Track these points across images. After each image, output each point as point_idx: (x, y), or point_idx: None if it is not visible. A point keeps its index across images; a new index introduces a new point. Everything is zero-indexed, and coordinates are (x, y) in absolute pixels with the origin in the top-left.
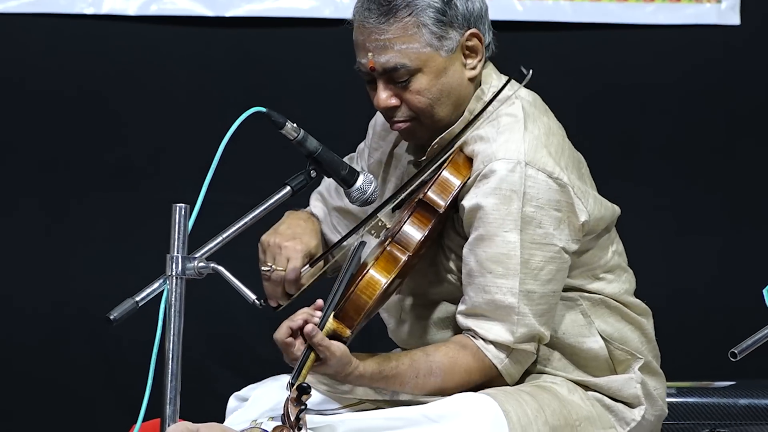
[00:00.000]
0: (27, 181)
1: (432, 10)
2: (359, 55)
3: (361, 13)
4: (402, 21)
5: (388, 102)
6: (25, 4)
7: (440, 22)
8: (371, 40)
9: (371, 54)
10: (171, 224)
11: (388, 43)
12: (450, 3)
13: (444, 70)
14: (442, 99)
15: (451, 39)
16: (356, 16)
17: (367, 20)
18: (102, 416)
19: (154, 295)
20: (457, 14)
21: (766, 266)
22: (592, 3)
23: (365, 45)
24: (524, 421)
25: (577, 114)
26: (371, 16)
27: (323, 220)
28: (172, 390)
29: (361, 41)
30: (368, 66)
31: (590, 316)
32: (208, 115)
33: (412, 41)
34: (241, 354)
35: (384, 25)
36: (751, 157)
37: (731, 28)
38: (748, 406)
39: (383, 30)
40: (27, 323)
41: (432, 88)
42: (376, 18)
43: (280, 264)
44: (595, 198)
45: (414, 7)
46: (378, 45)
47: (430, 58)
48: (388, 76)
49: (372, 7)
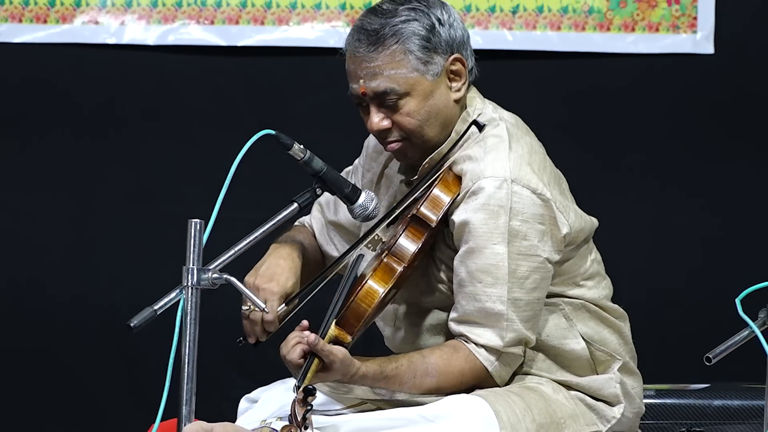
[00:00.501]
0: (57, 196)
1: (417, 37)
2: (352, 82)
3: (352, 43)
4: (390, 49)
5: (381, 124)
6: (53, 34)
7: (425, 49)
8: (362, 67)
9: (362, 80)
10: (187, 238)
11: (378, 70)
12: (433, 30)
13: (431, 93)
14: (431, 120)
15: (436, 64)
16: (348, 47)
17: (358, 50)
18: (124, 416)
19: (171, 304)
20: (440, 41)
21: (740, 277)
22: (577, 33)
23: (357, 72)
24: (513, 420)
25: (562, 134)
26: (361, 45)
27: (319, 232)
28: (188, 392)
29: (353, 69)
30: (360, 91)
31: (572, 320)
32: (221, 137)
33: (400, 67)
34: (252, 359)
35: (373, 54)
36: (726, 173)
37: (706, 57)
38: (722, 407)
39: (373, 58)
40: (57, 330)
41: (421, 110)
42: (365, 47)
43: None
44: (576, 212)
45: (400, 36)
46: (368, 72)
47: (417, 82)
48: (379, 100)
49: (362, 37)
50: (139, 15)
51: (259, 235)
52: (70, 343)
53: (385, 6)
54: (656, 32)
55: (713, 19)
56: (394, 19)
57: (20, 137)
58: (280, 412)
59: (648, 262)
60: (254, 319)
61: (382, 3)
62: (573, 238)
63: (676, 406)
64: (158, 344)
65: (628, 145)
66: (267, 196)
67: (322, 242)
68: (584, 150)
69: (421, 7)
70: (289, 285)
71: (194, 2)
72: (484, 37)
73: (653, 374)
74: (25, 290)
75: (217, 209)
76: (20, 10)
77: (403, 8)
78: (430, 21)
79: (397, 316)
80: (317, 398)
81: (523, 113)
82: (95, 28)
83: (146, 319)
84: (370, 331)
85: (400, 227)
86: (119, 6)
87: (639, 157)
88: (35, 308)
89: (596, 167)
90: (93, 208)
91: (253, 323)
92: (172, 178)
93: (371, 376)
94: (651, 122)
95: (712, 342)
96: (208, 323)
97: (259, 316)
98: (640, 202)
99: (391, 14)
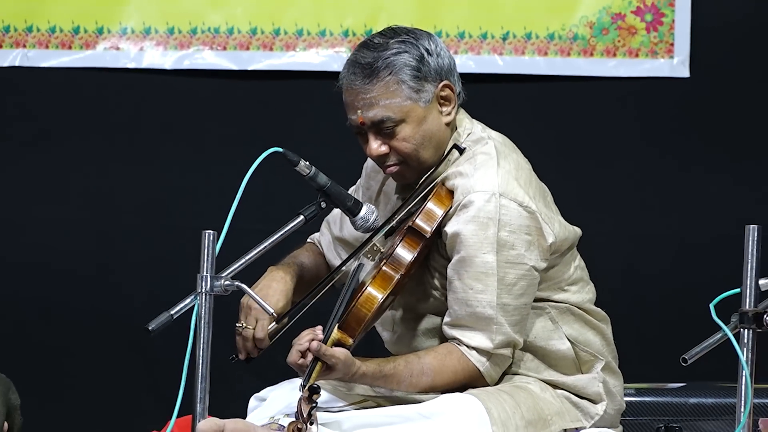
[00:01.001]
0: (81, 208)
1: (408, 68)
2: (350, 113)
3: (348, 77)
4: (383, 80)
5: (379, 150)
6: (77, 59)
7: (416, 78)
8: (359, 99)
9: (360, 111)
10: (201, 248)
11: (374, 100)
12: (423, 61)
13: (424, 119)
14: (425, 143)
15: (427, 91)
16: (344, 81)
17: (354, 83)
18: (144, 412)
19: (186, 309)
20: (430, 70)
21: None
22: (562, 58)
23: (354, 104)
24: (504, 417)
25: (549, 151)
26: (356, 79)
27: (327, 247)
28: (202, 390)
29: (350, 101)
30: (359, 122)
31: (557, 322)
32: (232, 154)
33: (394, 96)
34: (261, 360)
35: (368, 86)
36: (701, 186)
37: (682, 80)
38: (697, 404)
39: (368, 90)
40: (83, 334)
41: (415, 135)
42: (361, 80)
43: (250, 323)
44: (560, 222)
45: (393, 68)
46: (365, 103)
47: (411, 110)
48: (376, 128)
49: (356, 71)
50: (156, 41)
51: (268, 245)
52: (95, 345)
53: (377, 40)
54: (636, 57)
55: (689, 45)
56: (386, 52)
57: (47, 152)
58: (287, 410)
59: (629, 269)
60: (246, 336)
61: (373, 37)
62: (558, 246)
63: (655, 404)
64: (174, 346)
65: (610, 161)
66: (275, 209)
67: (330, 257)
68: (569, 165)
69: (410, 39)
70: (280, 306)
71: (208, 29)
72: (476, 62)
73: (633, 374)
74: (53, 297)
75: (229, 221)
76: (47, 37)
77: (393, 41)
78: (419, 52)
79: (395, 320)
80: (321, 396)
81: (512, 132)
82: (116, 53)
83: (163, 323)
84: (371, 334)
85: (397, 238)
86: (138, 33)
87: (620, 172)
88: (63, 314)
89: (580, 181)
90: (114, 220)
91: (245, 340)
92: (187, 191)
93: (371, 375)
94: (631, 140)
95: (687, 344)
96: (221, 327)
97: (250, 334)
98: (622, 214)
99: (382, 47)
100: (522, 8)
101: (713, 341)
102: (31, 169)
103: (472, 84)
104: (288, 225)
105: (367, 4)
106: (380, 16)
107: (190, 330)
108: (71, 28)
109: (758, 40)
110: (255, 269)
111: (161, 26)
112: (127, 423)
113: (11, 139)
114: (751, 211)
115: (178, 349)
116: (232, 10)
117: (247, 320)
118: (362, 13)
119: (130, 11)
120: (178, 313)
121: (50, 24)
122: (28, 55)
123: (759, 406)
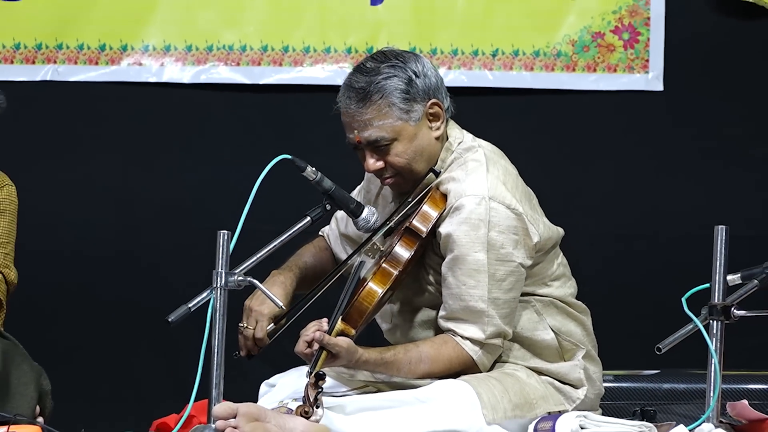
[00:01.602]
0: (106, 212)
1: (398, 91)
2: (348, 132)
3: (344, 101)
4: (376, 104)
5: (375, 166)
6: (103, 74)
7: (406, 99)
8: (354, 120)
9: (356, 131)
10: (216, 246)
11: (368, 122)
12: (411, 83)
13: (415, 135)
14: (417, 157)
15: (417, 111)
16: (340, 104)
17: (349, 107)
18: (164, 396)
19: (203, 303)
20: (418, 91)
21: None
22: (547, 73)
23: (351, 125)
24: (493, 401)
25: (535, 158)
26: (351, 103)
27: (334, 241)
28: (218, 377)
29: (348, 122)
30: (356, 140)
31: (542, 314)
32: (244, 160)
33: (386, 117)
34: (271, 349)
35: (362, 109)
36: (672, 189)
37: (656, 93)
38: (670, 389)
39: (362, 112)
40: (108, 324)
41: (408, 151)
42: (355, 104)
43: (250, 324)
44: (544, 223)
45: (384, 92)
46: (360, 124)
47: (402, 128)
48: (372, 146)
49: (351, 95)
50: (176, 58)
51: (277, 244)
52: (121, 335)
53: (369, 65)
54: (614, 72)
55: (662, 61)
56: (378, 77)
57: (75, 160)
58: (295, 394)
59: (608, 266)
60: (247, 336)
61: (366, 61)
62: (542, 245)
63: (631, 389)
64: (192, 336)
65: (590, 166)
66: (284, 211)
67: (337, 250)
68: (553, 170)
69: (399, 63)
70: (277, 309)
71: (223, 47)
72: (468, 77)
73: (612, 361)
74: (81, 292)
75: (242, 222)
76: (75, 53)
77: (383, 66)
78: (408, 75)
79: (393, 313)
80: (326, 382)
81: (501, 140)
82: (139, 69)
83: (182, 315)
84: (371, 326)
85: (395, 238)
86: (159, 50)
87: (599, 175)
88: (92, 307)
89: (563, 185)
90: (136, 222)
91: (246, 339)
92: (203, 194)
93: (373, 362)
94: (609, 147)
95: (661, 334)
96: (235, 319)
97: (250, 334)
98: (601, 214)
99: (374, 72)
100: (510, 27)
101: (685, 332)
102: (61, 174)
103: (464, 96)
104: (296, 225)
105: (368, 24)
106: (380, 35)
107: (207, 322)
108: (98, 45)
109: (725, 56)
110: (266, 266)
111: (180, 44)
112: (148, 406)
113: (43, 145)
114: (719, 213)
115: (196, 339)
116: (245, 29)
117: (248, 321)
118: (364, 32)
119: (151, 30)
120: (195, 306)
121: (78, 42)
122: (59, 70)
123: (727, 391)
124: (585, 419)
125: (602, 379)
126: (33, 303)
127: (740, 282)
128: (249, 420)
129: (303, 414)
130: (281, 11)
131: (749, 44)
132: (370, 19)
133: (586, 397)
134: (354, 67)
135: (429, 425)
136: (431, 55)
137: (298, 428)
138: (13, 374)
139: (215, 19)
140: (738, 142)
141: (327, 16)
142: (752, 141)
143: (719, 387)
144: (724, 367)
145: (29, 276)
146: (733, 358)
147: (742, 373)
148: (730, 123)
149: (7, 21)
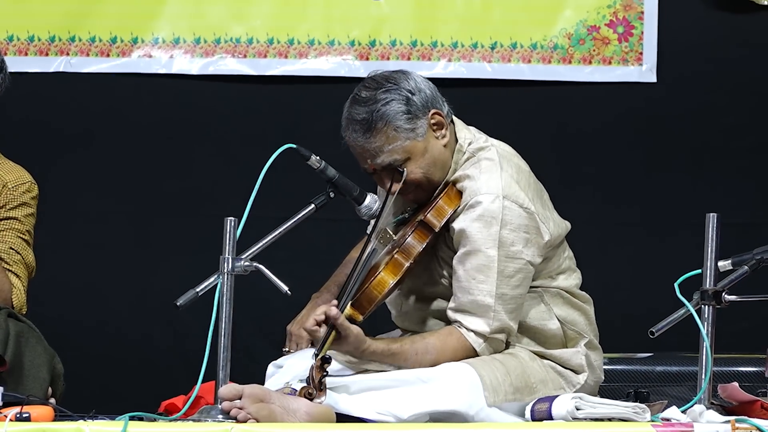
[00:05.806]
0: (120, 201)
1: (400, 113)
2: (361, 163)
3: (349, 135)
4: (381, 131)
5: (396, 188)
6: (114, 66)
7: (409, 119)
8: (365, 151)
9: (369, 160)
10: (223, 233)
11: (378, 150)
12: (410, 102)
13: (425, 149)
14: (431, 169)
15: (421, 126)
16: (347, 138)
17: (356, 140)
18: (173, 378)
19: (210, 287)
20: (417, 107)
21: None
22: (544, 66)
23: (362, 155)
24: (495, 384)
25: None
26: (358, 136)
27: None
28: (224, 359)
29: (358, 153)
30: (371, 169)
31: (549, 305)
32: (251, 149)
33: (394, 141)
34: (278, 332)
35: (370, 139)
36: (665, 183)
37: (650, 85)
38: (663, 372)
39: (371, 142)
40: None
41: (422, 165)
42: (361, 136)
43: (292, 348)
44: (554, 220)
45: (386, 118)
46: (371, 153)
47: (412, 147)
48: (387, 169)
49: (356, 128)
50: (185, 50)
51: (282, 230)
52: (132, 318)
53: (364, 94)
54: (609, 65)
55: (656, 54)
56: (376, 105)
57: (88, 150)
58: (301, 376)
59: (607, 257)
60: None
61: (359, 92)
62: (552, 242)
63: (626, 372)
64: (200, 319)
65: (586, 156)
66: (289, 198)
67: None
68: (552, 160)
69: (392, 87)
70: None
71: (230, 39)
72: (467, 69)
73: (607, 345)
74: (97, 278)
75: (248, 209)
76: (88, 46)
77: (379, 93)
78: (404, 95)
79: (404, 302)
80: (332, 366)
81: (500, 130)
82: (149, 60)
83: (190, 299)
84: (379, 311)
85: (408, 229)
86: (169, 43)
87: (595, 165)
88: (106, 291)
89: (559, 174)
90: (149, 211)
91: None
92: (211, 182)
93: (380, 352)
94: (605, 138)
95: (654, 319)
96: (241, 303)
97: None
98: (595, 202)
99: (372, 101)
100: (508, 21)
101: (677, 316)
102: (74, 163)
103: (464, 88)
104: (300, 213)
105: (370, 18)
106: (383, 28)
107: (214, 305)
108: (109, 38)
109: (716, 49)
110: (271, 252)
111: (189, 37)
112: (158, 387)
113: (57, 135)
114: (709, 201)
115: (204, 322)
116: (251, 22)
117: (290, 346)
118: (366, 26)
119: (161, 24)
120: (203, 291)
121: (90, 34)
122: (71, 62)
123: (718, 373)
124: (581, 400)
125: (603, 367)
126: (48, 289)
127: (731, 268)
128: (254, 401)
129: (307, 395)
130: (287, 5)
131: (739, 37)
132: (373, 13)
133: (586, 383)
134: (350, 100)
135: (431, 405)
136: (432, 48)
137: (301, 409)
138: (26, 356)
139: (223, 13)
140: (728, 132)
141: (331, 10)
142: (741, 130)
143: (710, 369)
144: (716, 350)
145: (43, 259)
146: (724, 341)
147: (732, 356)
148: (720, 113)
149: (22, 14)
